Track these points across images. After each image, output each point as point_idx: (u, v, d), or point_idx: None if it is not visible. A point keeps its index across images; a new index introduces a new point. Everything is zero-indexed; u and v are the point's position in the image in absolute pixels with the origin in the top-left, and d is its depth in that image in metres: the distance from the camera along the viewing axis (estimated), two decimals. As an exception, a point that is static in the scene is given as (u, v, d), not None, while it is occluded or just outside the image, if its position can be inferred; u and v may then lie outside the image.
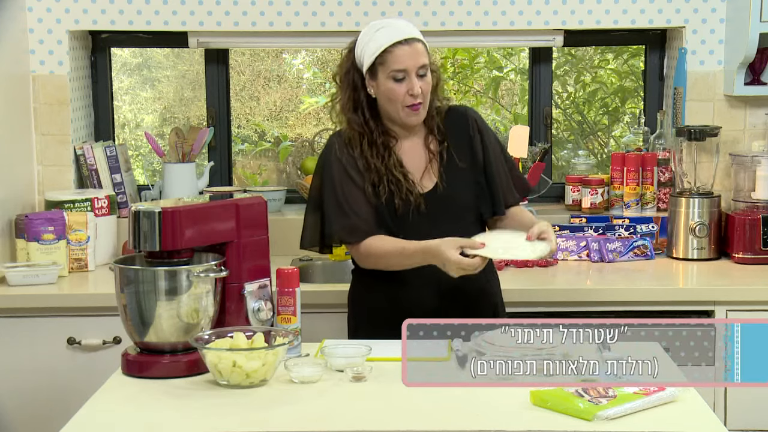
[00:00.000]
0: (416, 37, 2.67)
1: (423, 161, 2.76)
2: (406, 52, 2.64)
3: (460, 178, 2.75)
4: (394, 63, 2.64)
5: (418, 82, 2.65)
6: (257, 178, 4.52)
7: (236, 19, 3.75)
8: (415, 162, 2.76)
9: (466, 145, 2.78)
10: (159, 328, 2.40)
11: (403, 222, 2.71)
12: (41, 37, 3.71)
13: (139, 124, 4.71)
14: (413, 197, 2.70)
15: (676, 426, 2.07)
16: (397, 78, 2.64)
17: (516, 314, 3.15)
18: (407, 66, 2.63)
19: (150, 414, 2.17)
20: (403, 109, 2.68)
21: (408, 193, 2.70)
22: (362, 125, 2.72)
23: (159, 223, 2.38)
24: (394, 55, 2.64)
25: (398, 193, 2.70)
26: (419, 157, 2.76)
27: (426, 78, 2.67)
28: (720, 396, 3.21)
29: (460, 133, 2.79)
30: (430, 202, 2.72)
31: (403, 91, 2.65)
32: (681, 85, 3.80)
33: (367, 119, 2.72)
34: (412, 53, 2.64)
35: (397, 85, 2.65)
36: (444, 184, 2.73)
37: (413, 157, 2.76)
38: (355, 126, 2.72)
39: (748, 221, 3.56)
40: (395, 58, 2.64)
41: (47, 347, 3.21)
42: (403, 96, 2.65)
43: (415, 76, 2.64)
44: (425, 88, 2.67)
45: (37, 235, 3.39)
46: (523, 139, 3.70)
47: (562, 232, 3.70)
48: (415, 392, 2.25)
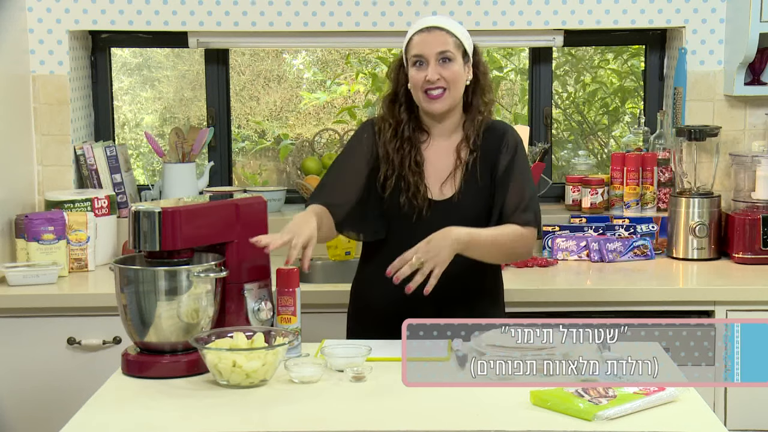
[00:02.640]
0: (439, 25, 2.69)
1: (449, 167, 2.75)
2: (424, 38, 2.68)
3: (477, 194, 2.72)
4: (413, 48, 2.69)
5: (438, 68, 2.66)
6: (257, 178, 4.52)
7: (236, 19, 3.75)
8: (441, 166, 2.75)
9: (491, 162, 2.74)
10: (159, 328, 2.40)
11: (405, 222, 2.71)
12: (41, 37, 3.71)
13: (139, 124, 4.71)
14: (418, 201, 2.70)
15: (676, 426, 2.07)
16: (416, 63, 2.68)
17: (516, 314, 3.15)
18: (423, 51, 2.67)
19: (150, 414, 2.17)
20: (422, 95, 2.69)
21: (413, 196, 2.70)
22: (395, 116, 2.76)
23: (159, 223, 2.39)
24: (414, 41, 2.70)
25: (405, 192, 2.71)
26: (446, 162, 2.75)
27: (450, 66, 2.67)
28: (720, 396, 3.21)
29: (492, 149, 2.74)
30: (439, 211, 2.71)
31: (422, 77, 2.67)
32: (681, 85, 3.80)
33: (401, 112, 2.75)
34: (431, 39, 2.67)
35: (417, 71, 2.68)
36: (460, 196, 2.72)
37: (440, 161, 2.75)
38: (388, 116, 2.77)
39: (748, 221, 3.56)
40: (414, 44, 2.69)
41: (47, 347, 3.21)
42: (422, 82, 2.67)
43: (435, 62, 2.66)
44: (447, 75, 2.66)
45: (37, 235, 3.39)
46: (523, 139, 3.70)
47: (562, 232, 3.70)
48: (415, 392, 2.25)
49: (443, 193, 2.73)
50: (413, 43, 2.70)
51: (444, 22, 2.73)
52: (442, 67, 2.67)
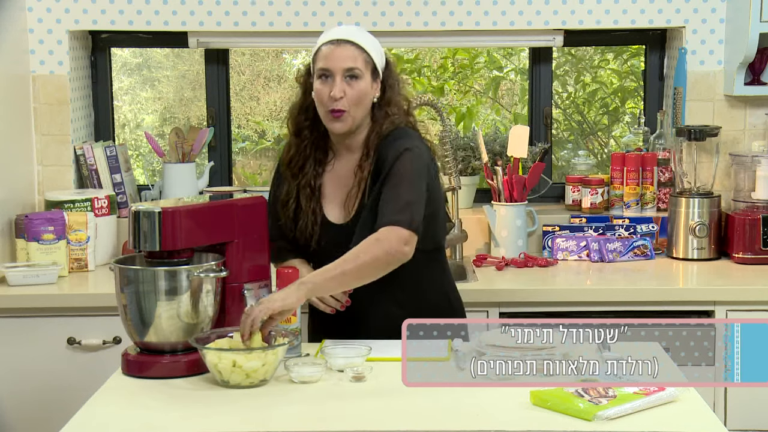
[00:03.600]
0: (349, 39, 2.57)
1: (348, 187, 2.63)
2: (332, 51, 2.56)
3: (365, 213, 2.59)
4: (320, 61, 2.58)
5: (343, 85, 2.54)
6: (257, 178, 4.52)
7: (236, 19, 3.75)
8: (341, 187, 2.65)
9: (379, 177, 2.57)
10: (159, 328, 2.40)
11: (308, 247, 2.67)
12: (41, 37, 3.71)
13: (139, 124, 4.71)
14: (313, 229, 2.64)
15: (676, 426, 2.07)
16: (322, 77, 2.57)
17: (516, 314, 3.15)
18: (330, 66, 2.55)
19: (150, 414, 2.17)
20: (326, 113, 2.57)
21: (307, 224, 2.64)
22: (302, 130, 2.66)
23: (159, 223, 2.38)
24: (321, 53, 2.58)
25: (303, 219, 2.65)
26: (346, 182, 2.64)
27: (356, 83, 2.55)
28: (720, 396, 3.21)
29: (383, 163, 2.57)
30: (340, 235, 2.60)
31: (327, 92, 2.55)
32: (681, 85, 3.80)
33: (308, 126, 2.65)
34: (339, 53, 2.55)
35: (321, 84, 2.56)
36: (353, 221, 2.60)
37: (341, 181, 2.66)
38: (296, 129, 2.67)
39: (748, 221, 3.56)
40: (321, 57, 2.58)
41: (47, 347, 3.21)
42: (327, 98, 2.55)
43: (341, 78, 2.55)
44: (351, 94, 2.54)
45: (37, 235, 3.39)
46: (523, 139, 3.70)
47: (562, 232, 3.71)
48: (415, 392, 2.25)
49: (345, 215, 2.63)
50: (321, 54, 2.58)
51: (356, 35, 2.59)
52: (348, 84, 2.55)
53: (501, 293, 3.20)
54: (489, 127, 4.69)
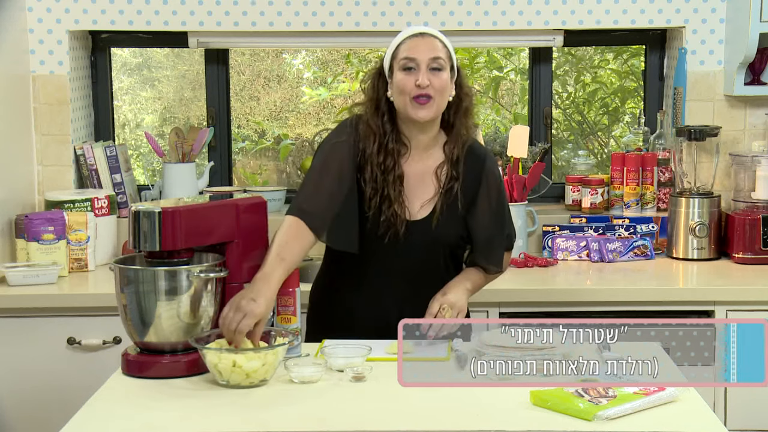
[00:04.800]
0: (432, 33, 2.65)
1: (429, 188, 2.69)
2: (417, 42, 2.62)
3: (453, 220, 2.68)
4: (405, 51, 2.62)
5: (429, 75, 2.60)
6: (257, 178, 4.52)
7: (236, 19, 3.75)
8: (419, 185, 2.70)
9: (470, 192, 2.69)
10: (159, 328, 2.40)
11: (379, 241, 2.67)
12: (41, 37, 3.71)
13: (139, 124, 4.71)
14: (398, 221, 2.65)
15: (676, 426, 2.07)
16: (406, 67, 2.61)
17: (516, 314, 3.15)
18: (417, 55, 2.60)
19: (150, 414, 2.17)
20: (410, 101, 2.61)
21: (393, 215, 2.65)
22: (379, 126, 2.68)
23: (159, 223, 2.38)
24: (406, 45, 2.63)
25: (386, 210, 2.65)
26: (426, 183, 2.70)
27: (440, 74, 2.60)
28: (720, 396, 3.21)
29: (473, 178, 2.70)
30: (413, 233, 2.66)
31: (412, 82, 2.60)
32: (681, 85, 3.80)
33: (385, 122, 2.67)
34: (424, 44, 2.61)
35: (407, 75, 2.60)
36: (437, 220, 2.66)
37: (418, 179, 2.70)
38: (372, 126, 2.68)
39: (748, 221, 3.56)
40: (406, 48, 2.62)
41: (47, 347, 3.21)
42: (411, 87, 2.59)
43: (426, 69, 2.60)
44: (437, 84, 2.60)
45: (37, 235, 3.39)
46: (523, 139, 3.71)
47: (562, 232, 3.71)
48: (414, 392, 2.25)
49: (421, 213, 2.68)
50: (405, 46, 2.63)
51: (436, 31, 2.68)
52: (432, 74, 2.60)
53: (501, 293, 3.20)
54: (489, 127, 4.69)
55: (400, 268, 2.68)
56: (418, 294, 2.66)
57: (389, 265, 2.68)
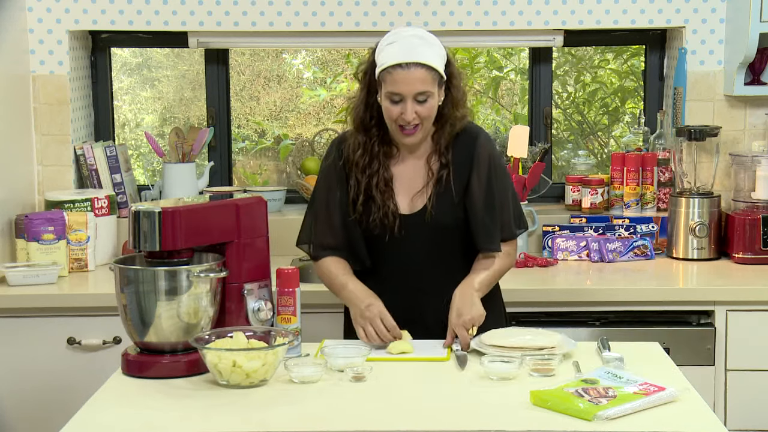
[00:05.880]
0: (418, 61, 2.55)
1: (420, 180, 2.70)
2: (401, 77, 2.55)
3: (449, 207, 2.68)
4: (390, 85, 2.57)
5: (415, 107, 2.57)
6: (257, 178, 4.52)
7: (236, 19, 3.75)
8: (412, 179, 2.71)
9: (463, 177, 2.68)
10: (159, 328, 2.40)
11: (379, 241, 2.69)
12: (41, 37, 3.71)
13: (139, 124, 4.71)
14: (389, 220, 2.66)
15: (676, 426, 2.06)
16: (392, 100, 2.58)
17: (516, 314, 3.15)
18: (401, 90, 2.55)
19: (150, 414, 2.17)
20: (397, 128, 2.62)
21: (384, 216, 2.66)
22: (368, 129, 2.68)
23: (159, 223, 2.38)
24: (392, 77, 2.57)
25: (375, 212, 2.66)
26: (417, 176, 2.71)
27: (426, 103, 2.58)
28: (720, 396, 3.21)
29: (465, 158, 2.69)
30: (411, 225, 2.67)
31: (397, 113, 2.58)
32: (681, 85, 3.80)
33: (374, 125, 2.68)
34: (409, 79, 2.55)
35: (392, 106, 2.58)
36: (432, 211, 2.66)
37: (411, 174, 2.71)
38: (358, 128, 2.70)
39: (748, 221, 3.56)
40: (392, 81, 2.57)
41: (47, 347, 3.21)
42: (398, 116, 2.59)
43: (412, 101, 2.57)
44: (423, 113, 2.58)
45: (37, 235, 3.39)
46: (523, 139, 3.70)
47: (562, 232, 3.70)
48: (415, 392, 2.25)
49: (414, 206, 2.69)
50: (390, 78, 2.56)
51: (421, 54, 2.56)
52: (418, 104, 2.58)
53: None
54: (489, 127, 4.69)
55: (407, 261, 2.69)
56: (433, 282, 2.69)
57: (397, 260, 2.70)
